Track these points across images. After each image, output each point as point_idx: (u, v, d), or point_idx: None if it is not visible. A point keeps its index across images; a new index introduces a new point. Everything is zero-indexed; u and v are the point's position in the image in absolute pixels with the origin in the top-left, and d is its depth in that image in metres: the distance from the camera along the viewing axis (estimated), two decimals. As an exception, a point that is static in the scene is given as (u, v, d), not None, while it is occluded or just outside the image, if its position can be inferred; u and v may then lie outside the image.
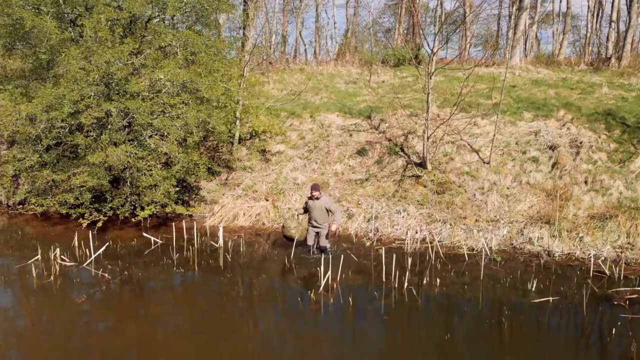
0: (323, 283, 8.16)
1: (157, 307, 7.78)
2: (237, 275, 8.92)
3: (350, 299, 7.73)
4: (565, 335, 6.95)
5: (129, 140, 11.09)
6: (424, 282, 8.53)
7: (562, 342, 6.73)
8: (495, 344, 6.75)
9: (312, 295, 7.89)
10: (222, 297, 7.92)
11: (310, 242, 9.61)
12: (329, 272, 8.32)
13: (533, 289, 8.19)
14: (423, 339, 6.84)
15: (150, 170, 10.77)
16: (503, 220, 10.60)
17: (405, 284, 8.23)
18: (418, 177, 11.83)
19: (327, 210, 9.18)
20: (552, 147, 11.85)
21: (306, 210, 9.47)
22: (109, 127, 11.04)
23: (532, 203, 10.81)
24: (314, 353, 6.48)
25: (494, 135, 12.10)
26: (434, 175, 11.81)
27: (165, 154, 11.13)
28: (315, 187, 9.15)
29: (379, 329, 7.03)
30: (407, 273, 8.55)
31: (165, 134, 11.09)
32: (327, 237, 9.35)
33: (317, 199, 9.10)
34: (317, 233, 9.43)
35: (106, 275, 8.69)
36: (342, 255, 8.81)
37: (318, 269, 8.56)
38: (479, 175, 11.64)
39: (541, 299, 7.79)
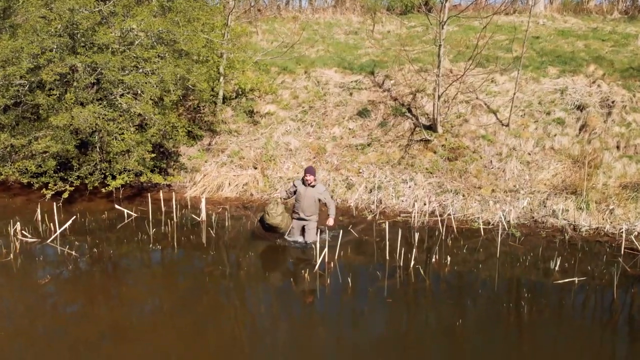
0: (319, 262, 8.07)
1: (132, 288, 7.76)
2: (222, 253, 8.90)
3: (350, 280, 7.65)
4: (592, 320, 6.91)
5: (97, 100, 10.92)
6: (433, 260, 8.46)
7: (588, 329, 6.70)
8: (512, 331, 6.69)
9: (306, 275, 7.84)
10: (205, 277, 7.87)
11: (293, 237, 8.87)
12: (326, 250, 8.19)
13: (556, 268, 8.14)
14: (431, 325, 6.78)
15: (122, 133, 10.62)
16: (523, 190, 10.53)
17: (412, 263, 8.15)
18: (427, 141, 11.76)
19: (319, 202, 8.58)
20: (581, 108, 11.69)
21: (292, 195, 8.78)
22: (75, 84, 10.81)
23: (557, 171, 10.76)
24: (309, 340, 6.41)
25: (514, 94, 11.85)
26: (445, 139, 11.74)
27: (139, 115, 11.01)
28: (310, 171, 8.50)
29: (382, 313, 6.98)
30: (414, 250, 8.47)
31: (139, 92, 10.86)
32: (316, 231, 8.74)
33: (312, 185, 8.48)
34: (304, 227, 8.74)
35: (73, 252, 8.64)
36: (341, 231, 8.64)
37: (313, 245, 8.48)
38: (496, 139, 11.54)
39: (565, 280, 7.75)
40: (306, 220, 8.64)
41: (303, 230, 8.69)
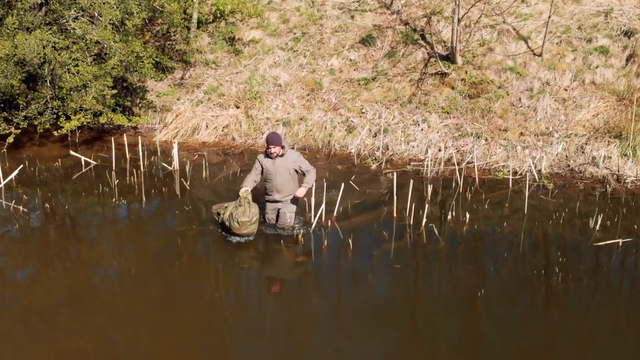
0: (315, 220, 7.99)
1: (93, 250, 7.74)
2: (199, 208, 8.81)
3: (351, 241, 7.54)
4: (639, 290, 6.83)
5: (46, 25, 10.78)
6: (449, 217, 8.37)
7: (635, 300, 6.63)
8: (544, 302, 6.65)
9: (299, 236, 7.76)
10: (178, 237, 7.83)
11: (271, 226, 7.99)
12: (323, 206, 8.07)
13: (596, 226, 8.05)
14: (447, 295, 6.69)
15: (77, 65, 10.52)
16: (558, 133, 10.43)
17: (424, 221, 8.04)
18: (444, 75, 11.53)
19: (296, 172, 7.66)
20: (628, 34, 11.35)
21: (259, 176, 7.76)
22: (18, 5, 10.48)
23: (598, 110, 10.57)
24: (301, 311, 6.34)
25: (549, 17, 11.40)
26: (466, 72, 11.50)
27: (97, 42, 10.86)
28: (273, 140, 7.36)
29: (388, 280, 6.94)
30: (427, 205, 8.41)
31: (96, 15, 10.58)
32: (295, 214, 7.90)
33: (280, 156, 7.46)
34: (279, 211, 7.81)
35: (21, 207, 8.60)
36: (342, 184, 8.48)
37: (306, 199, 8.33)
38: (526, 72, 11.30)
39: (607, 241, 7.66)
40: (283, 201, 7.68)
41: (278, 215, 7.78)
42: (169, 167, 10.31)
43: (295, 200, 7.77)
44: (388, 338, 5.87)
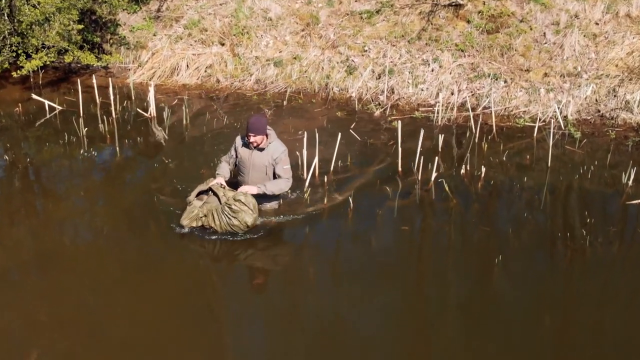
0: (308, 175, 7.83)
1: (61, 205, 7.67)
2: (179, 161, 8.69)
3: (351, 200, 7.39)
4: None
5: None
6: (462, 171, 8.24)
7: None
8: (568, 269, 6.53)
9: (291, 194, 7.56)
10: (155, 192, 7.69)
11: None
12: (316, 159, 7.95)
13: (629, 181, 7.93)
14: (460, 261, 6.57)
15: None
16: (587, 74, 10.25)
17: (433, 175, 7.90)
18: (458, 6, 11.33)
19: (274, 173, 7.00)
20: None
21: (232, 164, 7.19)
22: None
23: (634, 47, 10.37)
24: (296, 275, 6.30)
25: (580, -62, 11.20)
26: (484, 3, 11.30)
27: None
28: (256, 127, 6.61)
29: (393, 243, 6.85)
30: (437, 158, 8.19)
31: None
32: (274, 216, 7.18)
33: (260, 149, 6.79)
34: None
35: None
36: (339, 134, 8.39)
37: (298, 154, 8.14)
38: (552, 3, 11.09)
39: None
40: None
41: None
42: (145, 114, 10.17)
43: (275, 202, 7.15)
44: (393, 306, 5.83)
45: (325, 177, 8.08)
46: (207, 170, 8.12)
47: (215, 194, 6.76)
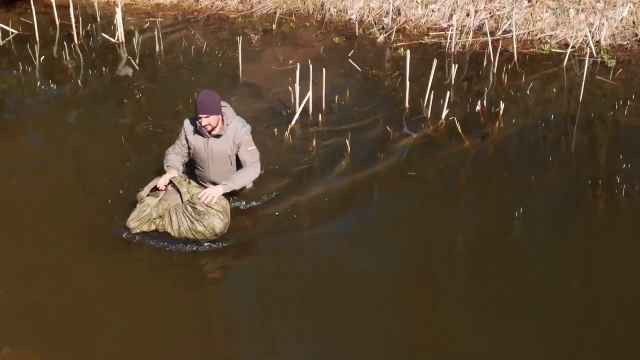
0: (299, 112, 7.77)
1: (16, 142, 7.56)
2: (152, 95, 8.60)
3: (348, 142, 7.27)
4: None
5: None
6: (478, 108, 8.06)
7: None
8: (599, 221, 6.36)
9: (276, 132, 7.59)
10: (123, 132, 7.63)
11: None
12: (310, 94, 7.82)
13: None
14: (475, 213, 6.42)
15: None
16: None
17: (445, 113, 7.79)
18: None
19: (237, 159, 6.20)
20: None
21: (186, 157, 6.34)
22: None
23: None
24: (284, 231, 6.11)
25: None
26: None
27: None
28: (206, 104, 5.78)
29: (398, 192, 6.74)
30: (449, 92, 8.01)
31: None
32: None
33: (215, 135, 5.94)
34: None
35: None
36: (337, 64, 8.62)
37: (290, 89, 8.09)
38: None
39: None
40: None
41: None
42: (112, 39, 10.04)
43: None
44: (399, 266, 5.70)
45: (320, 115, 7.96)
46: (184, 107, 8.06)
47: (176, 188, 5.86)
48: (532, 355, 4.77)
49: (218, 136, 5.95)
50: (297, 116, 7.77)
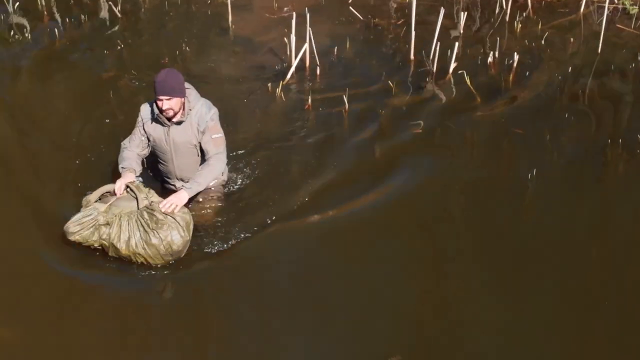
0: (294, 65, 7.71)
1: None
2: (135, 45, 8.55)
3: (346, 98, 7.15)
4: None
5: None
6: (489, 59, 8.01)
7: None
8: (618, 182, 6.33)
9: (269, 87, 7.52)
10: (107, 84, 7.65)
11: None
12: (306, 46, 7.75)
13: None
14: (484, 174, 6.35)
15: None
16: None
17: (452, 65, 7.73)
18: None
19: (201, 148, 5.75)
20: None
21: (145, 150, 5.79)
22: None
23: None
24: (275, 191, 5.99)
25: None
26: None
27: None
28: (166, 85, 5.25)
29: (400, 150, 6.66)
30: (457, 43, 7.93)
31: None
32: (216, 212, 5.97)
33: (177, 122, 5.41)
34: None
35: None
36: (336, 12, 8.52)
37: (285, 40, 8.00)
38: None
39: None
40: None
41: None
42: None
43: (219, 191, 5.95)
44: (403, 227, 5.64)
45: (317, 69, 7.87)
46: (170, 59, 8.06)
47: (133, 193, 5.22)
48: (543, 318, 4.75)
49: (179, 123, 5.40)
50: (292, 70, 7.69)
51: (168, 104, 5.20)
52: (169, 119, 5.32)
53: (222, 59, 8.47)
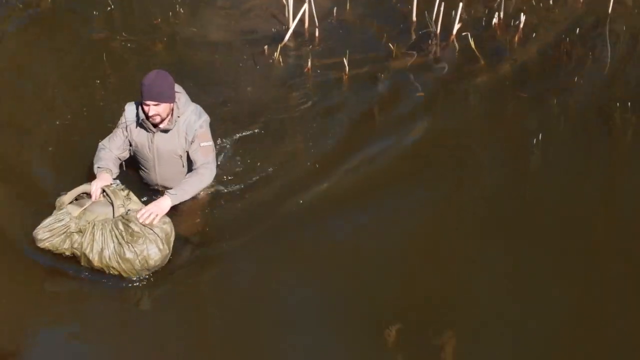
0: (292, 27, 7.67)
1: None
2: (126, 5, 8.42)
3: (346, 61, 7.13)
4: None
5: None
6: (494, 21, 7.92)
7: None
8: (628, 148, 6.37)
9: (266, 50, 7.47)
10: (99, 46, 7.58)
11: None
12: (305, 6, 7.68)
13: None
14: (488, 138, 6.42)
15: None
16: None
17: (456, 27, 7.66)
18: None
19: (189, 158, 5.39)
20: None
21: (123, 154, 5.47)
22: None
23: None
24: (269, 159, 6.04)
25: None
26: None
27: None
28: (154, 88, 4.92)
29: (403, 115, 6.68)
30: (461, 3, 7.81)
31: None
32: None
33: (162, 129, 5.07)
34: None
35: None
36: None
37: (284, 1, 7.90)
38: None
39: None
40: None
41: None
42: None
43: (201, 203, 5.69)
44: (409, 199, 5.72)
45: (317, 31, 7.82)
46: (162, 20, 7.97)
47: (109, 198, 4.87)
48: (547, 285, 4.86)
49: (166, 131, 5.06)
50: (290, 32, 7.63)
51: (155, 109, 4.89)
52: (155, 125, 5.01)
53: (217, 21, 8.35)
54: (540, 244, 5.24)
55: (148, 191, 5.44)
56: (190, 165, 5.23)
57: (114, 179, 5.06)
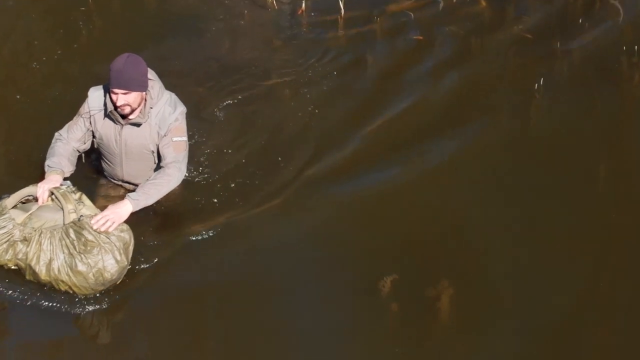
0: None
1: None
2: None
3: (341, 3, 7.10)
4: None
5: None
6: None
7: None
8: (632, 95, 6.41)
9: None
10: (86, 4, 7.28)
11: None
12: None
13: None
14: (486, 83, 6.43)
15: None
16: None
17: None
18: None
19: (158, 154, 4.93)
20: None
21: (82, 146, 4.99)
22: None
23: None
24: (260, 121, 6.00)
25: None
26: None
27: None
28: (128, 74, 4.46)
29: (401, 58, 6.70)
30: None
31: None
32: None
33: (132, 122, 4.65)
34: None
35: None
36: None
37: None
38: None
39: None
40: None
41: None
42: None
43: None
44: (400, 146, 5.77)
45: None
46: None
47: (59, 202, 4.43)
48: (545, 234, 4.94)
49: (137, 124, 4.65)
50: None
51: (124, 99, 4.45)
52: (124, 117, 4.59)
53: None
54: (541, 194, 5.28)
55: (106, 190, 5.08)
56: (160, 161, 4.82)
57: (65, 178, 4.60)
